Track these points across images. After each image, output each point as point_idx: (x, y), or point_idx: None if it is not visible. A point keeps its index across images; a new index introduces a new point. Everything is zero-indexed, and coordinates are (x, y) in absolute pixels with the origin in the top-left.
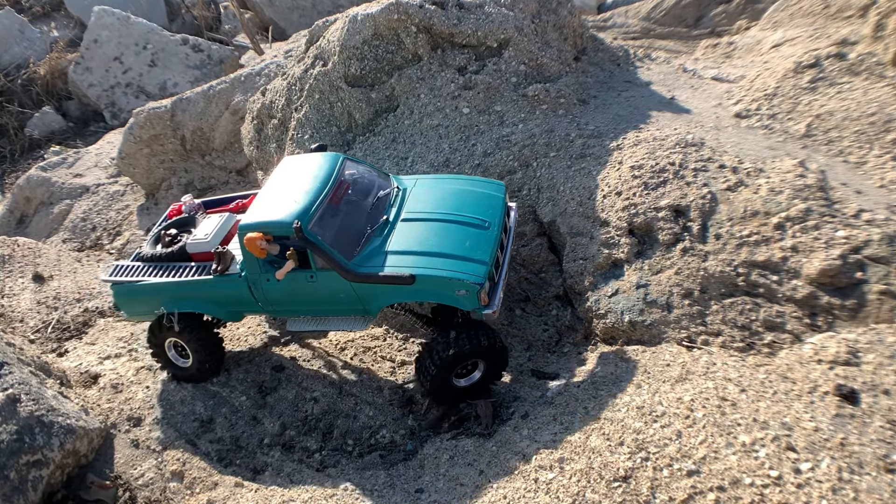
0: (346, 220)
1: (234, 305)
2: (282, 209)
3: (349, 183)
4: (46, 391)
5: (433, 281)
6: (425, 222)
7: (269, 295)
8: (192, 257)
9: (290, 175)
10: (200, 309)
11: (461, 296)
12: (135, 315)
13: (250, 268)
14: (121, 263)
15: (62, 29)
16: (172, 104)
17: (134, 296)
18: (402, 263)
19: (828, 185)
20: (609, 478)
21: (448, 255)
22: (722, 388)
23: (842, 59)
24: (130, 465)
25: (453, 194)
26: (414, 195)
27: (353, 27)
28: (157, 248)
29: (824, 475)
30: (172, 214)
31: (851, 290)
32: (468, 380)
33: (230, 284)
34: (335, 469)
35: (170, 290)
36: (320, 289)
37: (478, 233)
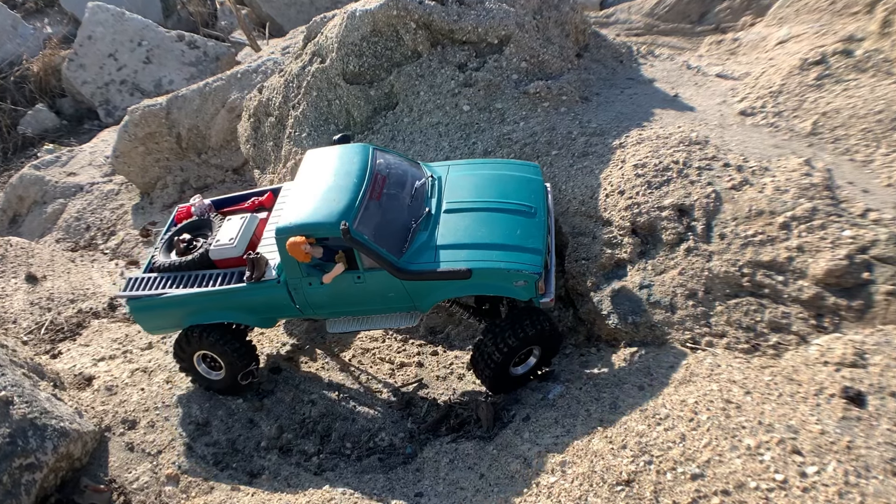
0: (389, 216)
1: (269, 312)
2: (322, 209)
3: (384, 175)
4: (40, 393)
5: (491, 274)
6: (470, 212)
7: (312, 299)
8: (215, 264)
9: (320, 170)
10: (231, 318)
11: (519, 286)
12: (155, 330)
13: (291, 272)
14: (135, 276)
15: (56, 25)
16: (168, 102)
17: (155, 310)
18: (456, 258)
19: (834, 183)
20: (612, 481)
21: (501, 245)
22: (726, 391)
23: (848, 55)
24: (125, 469)
25: (492, 180)
26: (451, 184)
27: (352, 23)
28: (170, 255)
29: (830, 479)
30: (181, 217)
31: (858, 290)
32: (524, 367)
33: (267, 291)
34: (333, 473)
35: (197, 302)
36: (368, 289)
37: (526, 220)
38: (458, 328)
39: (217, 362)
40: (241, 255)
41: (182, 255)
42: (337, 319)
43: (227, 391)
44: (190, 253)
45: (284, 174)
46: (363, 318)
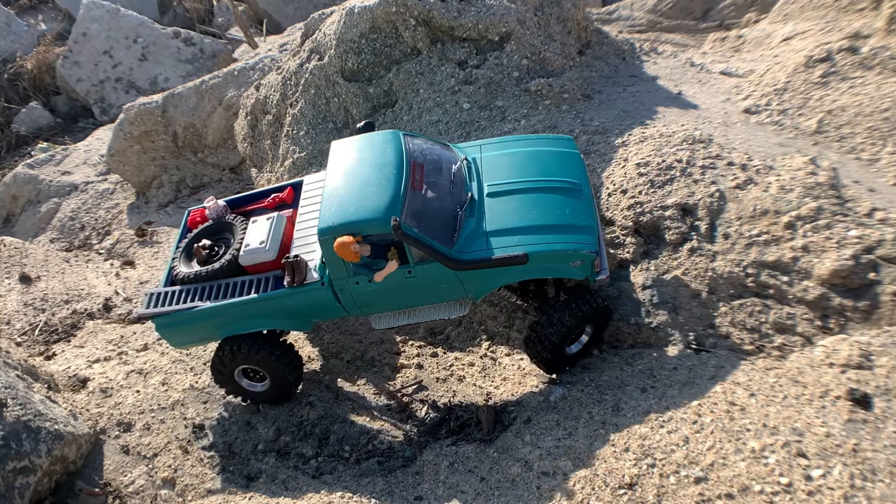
0: (433, 206)
1: (311, 315)
2: (366, 205)
3: (421, 163)
4: (34, 396)
5: (548, 256)
6: (514, 194)
7: (360, 298)
8: (246, 270)
9: (353, 163)
10: (269, 326)
11: (576, 266)
12: (184, 344)
13: (336, 273)
14: (156, 291)
15: (50, 22)
16: (164, 99)
17: (185, 325)
18: (510, 243)
19: (840, 182)
20: (614, 485)
21: (554, 226)
22: (730, 393)
23: (854, 52)
24: (120, 472)
25: (529, 158)
26: (487, 165)
27: (351, 20)
28: (192, 264)
29: (836, 482)
30: (195, 221)
31: (864, 291)
32: (577, 345)
33: (311, 294)
34: (331, 476)
35: (232, 312)
36: (420, 282)
37: (573, 197)
38: (458, 329)
39: (259, 374)
40: (276, 258)
41: (205, 263)
42: (382, 315)
43: (275, 401)
44: (213, 260)
45: (282, 173)
46: (411, 311)
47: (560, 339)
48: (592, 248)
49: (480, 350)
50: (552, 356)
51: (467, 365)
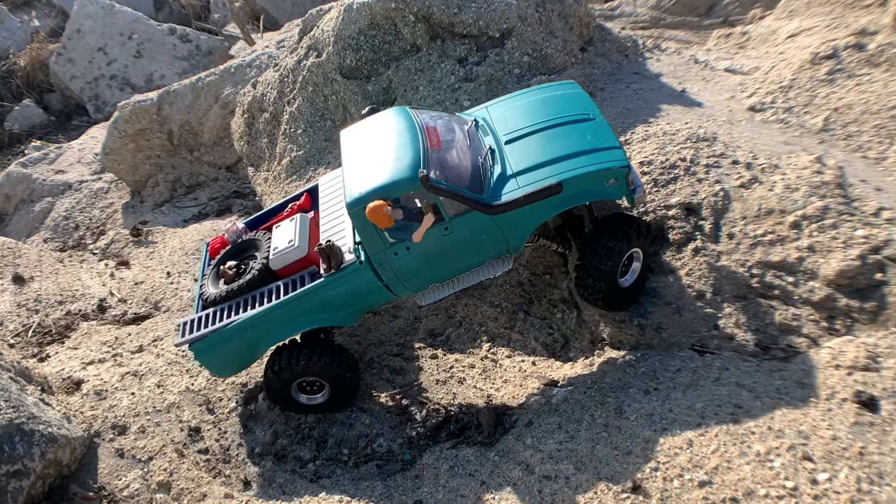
0: (455, 160)
1: (355, 303)
2: (391, 168)
3: (433, 126)
4: (27, 398)
5: (582, 180)
6: (532, 135)
7: (402, 270)
8: (278, 274)
9: (366, 142)
10: (314, 324)
11: (611, 186)
12: (228, 369)
13: (373, 247)
14: (188, 319)
15: (43, 18)
16: (159, 97)
17: (225, 344)
18: (540, 177)
19: (846, 181)
20: (617, 489)
21: (579, 152)
22: (735, 395)
23: (861, 49)
24: (115, 476)
25: (538, 104)
26: (497, 120)
27: (349, 16)
28: (221, 286)
29: (843, 486)
30: (215, 249)
31: (871, 291)
32: (631, 275)
33: (351, 277)
34: (329, 480)
35: (272, 317)
36: (459, 239)
37: (590, 125)
38: (458, 331)
39: (316, 384)
40: (307, 254)
41: (233, 280)
42: (426, 291)
43: (337, 408)
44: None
45: (279, 171)
46: (454, 279)
47: (610, 267)
48: (623, 164)
49: (481, 352)
50: (608, 287)
51: (468, 367)
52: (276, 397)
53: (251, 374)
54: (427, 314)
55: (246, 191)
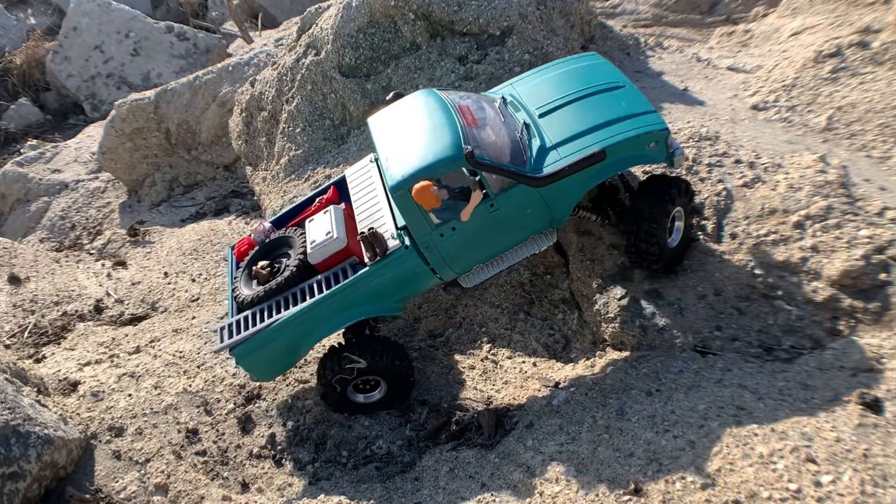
0: (493, 136)
1: (402, 289)
2: (432, 148)
3: (465, 105)
4: (23, 399)
5: (624, 145)
6: (565, 107)
7: (448, 251)
8: (317, 268)
9: (399, 124)
10: (360, 315)
11: (653, 150)
12: (273, 371)
13: (418, 230)
14: (225, 323)
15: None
16: (156, 96)
17: (267, 346)
18: (582, 146)
19: (850, 181)
20: (619, 491)
21: (616, 119)
22: (738, 396)
23: (865, 47)
24: (112, 478)
25: (565, 77)
26: (526, 95)
27: (348, 14)
28: (255, 287)
29: (846, 488)
30: (242, 251)
31: (875, 292)
32: (676, 233)
33: (397, 263)
34: (328, 482)
35: (318, 311)
36: (504, 215)
37: (621, 92)
38: (458, 332)
39: (370, 383)
40: (347, 244)
41: (268, 280)
42: (470, 272)
43: (394, 404)
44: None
45: (277, 171)
46: (498, 258)
47: (660, 228)
48: (663, 126)
49: (481, 353)
50: (660, 249)
51: (468, 368)
52: (335, 403)
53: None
54: (427, 315)
55: (244, 190)
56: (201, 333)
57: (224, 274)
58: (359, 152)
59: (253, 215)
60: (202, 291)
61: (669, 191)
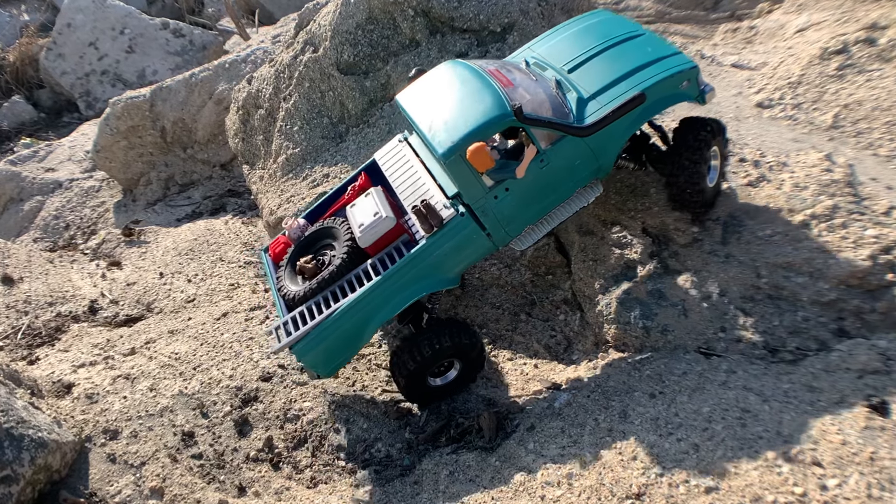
0: (531, 94)
1: (460, 259)
2: (475, 112)
3: (494, 69)
4: (16, 402)
5: (661, 86)
6: (592, 59)
7: (503, 213)
8: (368, 252)
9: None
10: (423, 290)
11: (686, 88)
12: (335, 364)
13: (472, 195)
14: (279, 322)
15: (33, 12)
16: (152, 93)
17: (329, 338)
18: (620, 92)
19: (856, 180)
20: (621, 495)
21: (646, 63)
22: (742, 399)
23: (871, 44)
24: (106, 482)
25: (582, 33)
26: (548, 55)
27: (346, 10)
28: (300, 282)
29: (852, 492)
30: (279, 250)
31: (882, 293)
32: (713, 172)
33: (454, 232)
34: (327, 486)
35: (379, 293)
36: (554, 169)
37: (642, 39)
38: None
39: (443, 364)
40: (397, 223)
41: (315, 273)
42: (521, 235)
43: (469, 380)
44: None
45: (275, 170)
46: (545, 218)
47: (701, 166)
48: (693, 64)
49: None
50: (702, 189)
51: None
52: (420, 395)
53: (246, 376)
54: None
55: (241, 189)
56: (197, 335)
57: (218, 274)
58: (357, 151)
59: (249, 214)
60: (198, 292)
61: (705, 129)
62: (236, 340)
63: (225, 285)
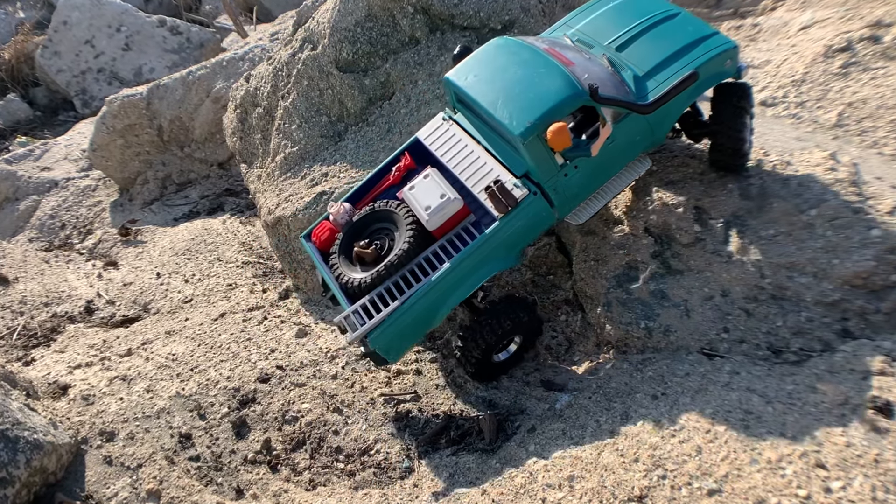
0: (590, 72)
1: (526, 237)
2: (548, 90)
3: (548, 48)
4: (11, 403)
5: (710, 65)
6: (636, 39)
7: (570, 190)
8: (434, 234)
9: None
10: (492, 271)
11: (729, 66)
12: (404, 350)
13: (547, 173)
14: (347, 312)
15: (28, 10)
16: (148, 91)
17: (404, 324)
18: (673, 71)
19: (861, 179)
20: (623, 497)
21: (691, 44)
22: (746, 400)
23: (876, 42)
24: (103, 484)
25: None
26: (589, 33)
27: (345, 7)
28: (358, 270)
29: (857, 494)
30: (326, 238)
31: (886, 293)
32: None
33: (527, 210)
34: (325, 488)
35: (453, 276)
36: (618, 146)
37: (680, 19)
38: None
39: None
40: (486, 188)
41: (377, 259)
42: (577, 209)
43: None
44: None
45: (273, 168)
46: (601, 191)
47: (746, 133)
48: (734, 44)
49: None
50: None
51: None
52: (487, 374)
53: (244, 377)
54: None
55: (238, 188)
56: (195, 336)
57: (215, 274)
58: (357, 149)
59: (247, 214)
60: (195, 292)
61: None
62: (234, 341)
63: (223, 286)
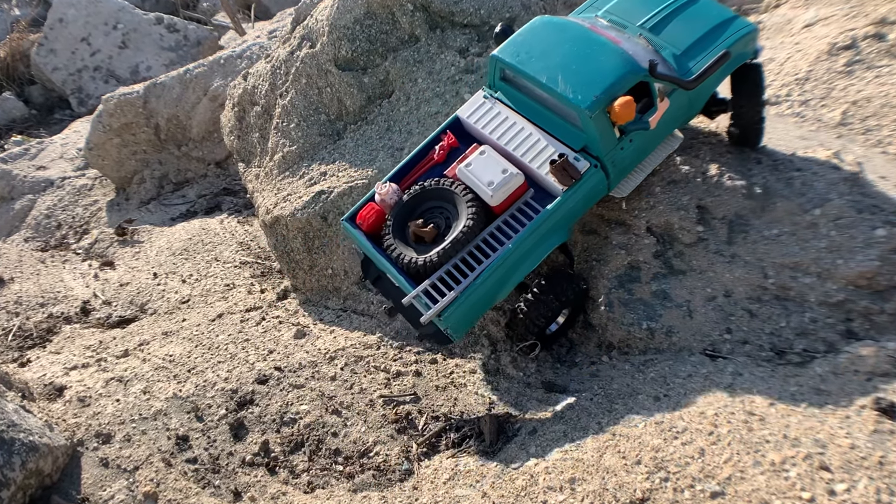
0: (632, 51)
1: (581, 211)
2: (608, 65)
3: (591, 25)
4: (6, 405)
5: (738, 45)
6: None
7: (623, 162)
8: (495, 210)
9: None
10: (553, 245)
11: (752, 46)
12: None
13: (607, 146)
14: (415, 293)
15: (24, 7)
16: (145, 90)
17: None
18: (707, 49)
19: (865, 178)
20: (625, 500)
21: (717, 26)
22: (749, 402)
23: (881, 39)
24: (99, 486)
25: None
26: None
27: (344, 5)
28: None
29: (861, 497)
30: (373, 221)
31: (891, 293)
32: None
33: (588, 183)
34: (324, 490)
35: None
36: (664, 119)
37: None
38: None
39: None
40: (552, 162)
41: (435, 237)
42: (621, 183)
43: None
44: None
45: (271, 168)
46: (641, 165)
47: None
48: (755, 26)
49: (482, 356)
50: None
51: (468, 372)
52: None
53: (242, 378)
54: None
55: (236, 188)
56: (192, 337)
57: (213, 274)
58: (356, 148)
59: (245, 213)
60: (193, 293)
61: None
62: (232, 342)
63: (220, 286)
